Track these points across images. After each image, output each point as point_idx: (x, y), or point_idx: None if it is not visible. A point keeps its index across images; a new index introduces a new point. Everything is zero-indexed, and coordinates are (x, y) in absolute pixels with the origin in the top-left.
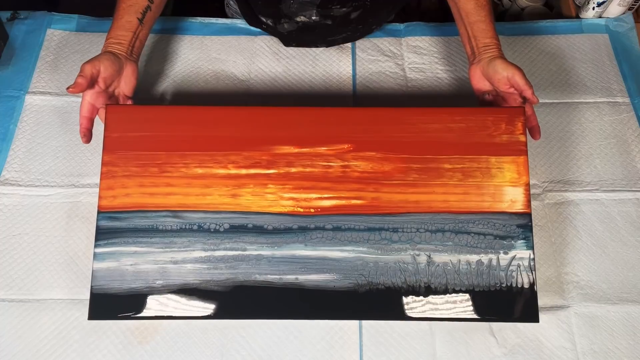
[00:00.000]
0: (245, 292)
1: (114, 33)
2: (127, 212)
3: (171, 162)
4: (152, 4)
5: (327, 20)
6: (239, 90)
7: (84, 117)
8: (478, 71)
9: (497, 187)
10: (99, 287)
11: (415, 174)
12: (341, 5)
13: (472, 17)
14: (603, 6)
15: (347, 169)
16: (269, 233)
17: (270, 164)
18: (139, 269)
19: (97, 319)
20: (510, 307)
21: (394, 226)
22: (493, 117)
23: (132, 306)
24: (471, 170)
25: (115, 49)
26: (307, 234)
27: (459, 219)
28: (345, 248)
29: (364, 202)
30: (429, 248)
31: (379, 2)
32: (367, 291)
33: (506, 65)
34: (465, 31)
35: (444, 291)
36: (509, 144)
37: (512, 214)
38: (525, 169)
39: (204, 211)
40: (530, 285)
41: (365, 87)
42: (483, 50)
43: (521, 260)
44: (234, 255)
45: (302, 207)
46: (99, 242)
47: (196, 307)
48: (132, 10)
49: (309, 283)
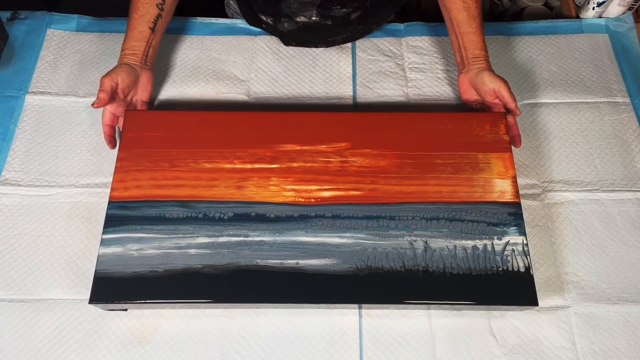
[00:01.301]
0: (246, 276)
1: (128, 44)
2: (137, 202)
3: (181, 158)
4: (163, 11)
5: (327, 20)
6: (239, 90)
7: (106, 125)
8: (466, 81)
9: (487, 179)
10: (102, 271)
11: (410, 168)
12: (341, 5)
13: (463, 28)
14: (603, 6)
15: (345, 164)
16: (271, 221)
17: (273, 159)
18: (143, 254)
19: (98, 302)
20: (509, 292)
21: (391, 214)
22: (478, 120)
23: (134, 290)
24: (461, 165)
25: (130, 60)
26: (308, 222)
27: (452, 208)
28: (345, 234)
29: (362, 193)
30: (425, 234)
31: (379, 2)
32: (367, 275)
33: (493, 78)
34: (456, 39)
35: (441, 275)
36: (494, 142)
37: (502, 203)
38: (511, 164)
39: (209, 201)
40: (526, 269)
41: (365, 87)
42: (472, 61)
43: (515, 246)
44: (236, 241)
45: (303, 198)
46: (107, 229)
47: (198, 291)
48: (144, 20)
49: (309, 267)
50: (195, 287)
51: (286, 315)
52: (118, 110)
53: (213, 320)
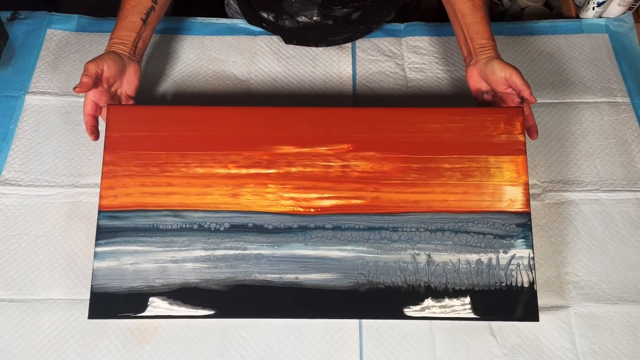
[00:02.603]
0: (245, 291)
1: (117, 33)
2: (128, 211)
3: (172, 161)
4: (156, 4)
5: (328, 20)
6: (239, 90)
7: (88, 114)
8: (475, 72)
9: (496, 186)
10: (99, 286)
11: (415, 173)
12: (342, 5)
13: (468, 19)
14: (603, 6)
15: (347, 169)
16: (269, 232)
17: (270, 163)
18: (139, 268)
19: (97, 317)
20: (510, 307)
21: (394, 225)
22: (492, 117)
23: (132, 305)
24: (470, 170)
25: (118, 49)
26: (307, 234)
27: (459, 219)
28: (345, 247)
29: (363, 202)
30: (428, 247)
31: (379, 2)
32: (367, 290)
33: (504, 65)
34: (462, 32)
35: (443, 290)
36: (508, 143)
37: (511, 213)
38: (524, 169)
39: (204, 210)
40: (530, 284)
41: (365, 87)
42: (480, 51)
43: (521, 260)
44: (234, 254)
45: (302, 207)
46: (100, 241)
47: (196, 306)
48: (136, 10)
49: (309, 282)
50: (193, 302)
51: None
52: (101, 100)
53: (213, 321)
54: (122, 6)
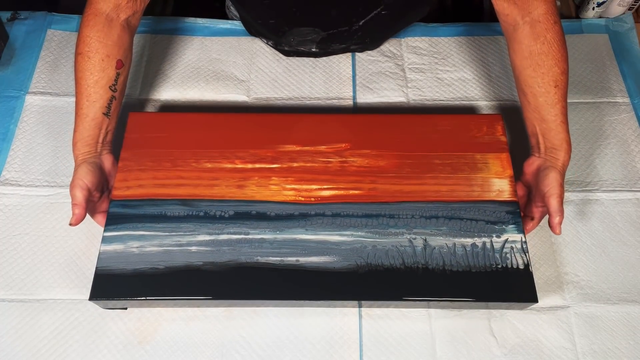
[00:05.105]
0: (246, 273)
1: (81, 135)
2: (139, 200)
3: (183, 158)
4: (116, 92)
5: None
6: (239, 90)
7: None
8: (536, 165)
9: (485, 179)
10: (103, 268)
11: (409, 168)
12: (341, 42)
13: (543, 113)
14: (603, 6)
15: (345, 164)
16: (271, 219)
17: (274, 159)
18: (144, 251)
19: (98, 298)
20: (508, 288)
21: (391, 213)
22: (475, 121)
23: (134, 287)
24: (459, 165)
25: (87, 156)
26: (308, 220)
27: (452, 207)
28: (345, 232)
29: (361, 192)
30: (424, 232)
31: (377, 37)
32: (367, 272)
33: (556, 184)
34: (532, 124)
35: (441, 272)
36: (491, 143)
37: (500, 202)
38: (508, 164)
39: (210, 199)
40: (525, 266)
41: (365, 87)
42: (550, 152)
43: (514, 243)
44: (237, 238)
45: (304, 197)
46: (108, 226)
47: (198, 288)
48: (97, 106)
49: (309, 265)
50: (196, 283)
51: (286, 316)
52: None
53: (213, 321)
54: (80, 102)
